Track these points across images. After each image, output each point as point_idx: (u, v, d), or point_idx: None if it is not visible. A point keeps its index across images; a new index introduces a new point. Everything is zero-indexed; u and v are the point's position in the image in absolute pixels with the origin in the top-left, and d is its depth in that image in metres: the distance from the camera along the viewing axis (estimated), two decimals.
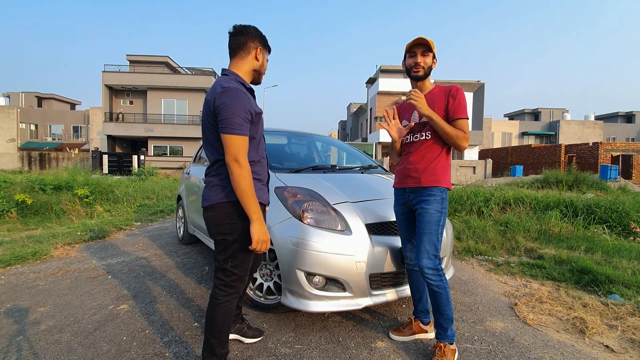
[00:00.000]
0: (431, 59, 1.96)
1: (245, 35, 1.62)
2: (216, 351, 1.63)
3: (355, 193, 2.49)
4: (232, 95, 1.49)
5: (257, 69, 1.69)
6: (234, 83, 1.55)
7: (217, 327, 1.62)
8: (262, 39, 1.67)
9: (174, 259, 3.77)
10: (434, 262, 1.86)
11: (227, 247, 1.59)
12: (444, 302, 1.86)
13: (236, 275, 1.62)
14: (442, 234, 1.92)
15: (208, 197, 1.60)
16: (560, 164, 20.33)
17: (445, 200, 1.93)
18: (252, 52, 1.64)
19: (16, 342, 2.05)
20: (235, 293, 1.65)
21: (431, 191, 1.90)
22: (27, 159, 26.27)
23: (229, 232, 1.57)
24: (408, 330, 2.15)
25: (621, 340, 2.18)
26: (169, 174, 18.41)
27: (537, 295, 2.82)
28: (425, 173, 1.92)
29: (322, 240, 2.12)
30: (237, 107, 1.48)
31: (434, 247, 1.87)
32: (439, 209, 1.89)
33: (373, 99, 29.12)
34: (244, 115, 1.50)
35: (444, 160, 1.95)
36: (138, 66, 27.86)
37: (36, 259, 3.66)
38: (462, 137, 1.88)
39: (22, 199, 6.11)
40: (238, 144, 1.49)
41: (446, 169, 1.95)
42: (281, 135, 3.77)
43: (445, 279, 1.88)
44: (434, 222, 1.88)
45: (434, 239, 1.87)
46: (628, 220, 4.82)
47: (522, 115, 45.33)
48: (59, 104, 43.26)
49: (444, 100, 1.93)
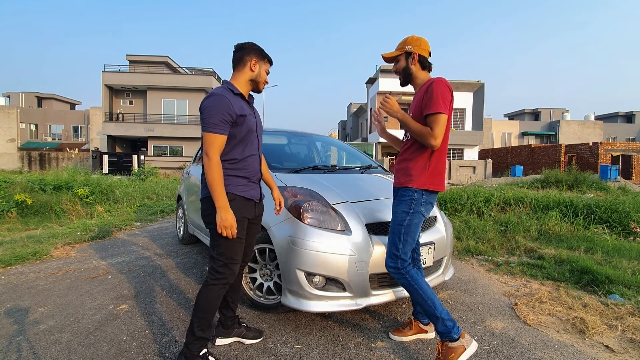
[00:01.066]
0: (403, 61, 1.94)
1: (241, 51, 1.83)
2: (195, 331, 1.75)
3: (355, 193, 2.49)
4: (212, 99, 1.69)
5: (254, 79, 1.86)
6: (221, 89, 1.75)
7: (200, 306, 1.77)
8: (257, 52, 1.85)
9: (174, 259, 3.77)
10: (395, 262, 1.88)
11: (213, 236, 1.78)
12: (418, 299, 1.87)
13: (222, 262, 1.77)
14: (408, 234, 1.87)
15: (203, 190, 1.82)
16: (560, 164, 20.32)
17: (417, 201, 1.86)
18: (247, 64, 1.83)
19: (16, 342, 2.05)
20: (223, 279, 1.78)
21: (403, 191, 1.90)
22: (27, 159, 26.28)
23: (212, 222, 1.74)
24: (408, 330, 2.15)
25: (621, 340, 2.18)
26: (169, 174, 18.42)
27: (537, 295, 2.82)
28: (400, 173, 1.94)
29: (322, 240, 2.12)
30: (214, 109, 1.67)
31: (394, 246, 1.88)
32: (405, 210, 1.87)
33: (373, 99, 29.12)
34: (220, 116, 1.68)
35: (423, 161, 1.87)
36: (138, 66, 27.86)
37: (36, 259, 3.66)
38: (427, 134, 1.78)
39: (22, 199, 6.11)
40: (209, 140, 1.68)
41: (425, 169, 1.86)
42: (281, 135, 3.77)
43: (410, 277, 1.86)
44: (397, 222, 1.89)
45: (395, 238, 1.89)
46: (628, 220, 4.82)
47: (522, 115, 45.33)
48: (59, 104, 43.25)
49: (421, 96, 1.87)
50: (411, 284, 1.87)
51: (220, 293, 1.79)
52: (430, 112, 1.78)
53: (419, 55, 1.92)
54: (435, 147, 1.81)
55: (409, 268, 1.89)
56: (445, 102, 1.80)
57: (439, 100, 1.77)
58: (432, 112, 1.78)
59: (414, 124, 1.82)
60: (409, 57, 1.92)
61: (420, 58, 1.92)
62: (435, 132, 1.77)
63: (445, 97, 1.80)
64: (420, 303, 1.87)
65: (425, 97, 1.82)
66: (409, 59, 1.92)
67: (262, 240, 2.36)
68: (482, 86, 26.81)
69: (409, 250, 1.90)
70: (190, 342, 1.75)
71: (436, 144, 1.79)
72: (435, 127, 1.78)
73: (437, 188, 1.90)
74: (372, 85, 30.75)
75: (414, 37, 1.95)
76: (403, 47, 1.93)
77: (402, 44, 1.95)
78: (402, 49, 1.94)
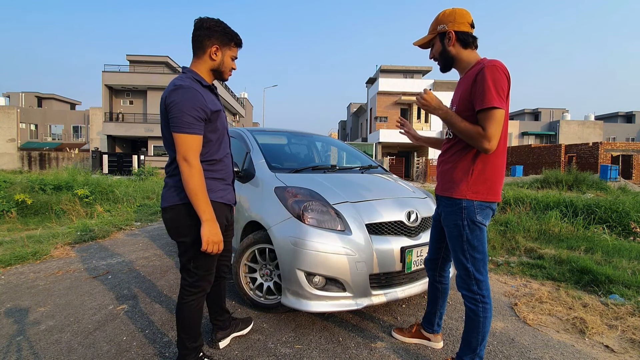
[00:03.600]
0: (439, 44, 1.64)
1: (200, 31, 1.55)
2: (187, 345, 1.68)
3: (355, 193, 2.49)
4: (182, 93, 1.45)
5: (216, 68, 1.61)
6: (188, 81, 1.51)
7: (185, 324, 1.66)
8: (220, 35, 1.56)
9: (174, 259, 3.77)
10: (467, 284, 1.63)
11: (188, 249, 1.59)
12: (472, 330, 1.64)
13: (198, 275, 1.63)
14: (474, 250, 1.59)
15: (166, 198, 1.58)
16: (560, 164, 20.32)
17: (467, 209, 1.57)
18: (207, 51, 1.57)
19: (16, 342, 2.05)
20: (201, 292, 1.67)
21: (446, 200, 1.66)
22: (27, 159, 26.29)
23: (187, 234, 1.56)
24: (408, 332, 2.13)
25: (621, 340, 2.18)
26: None
27: (537, 295, 2.82)
28: (441, 178, 1.70)
29: (322, 240, 2.12)
30: (186, 105, 1.44)
31: (461, 266, 1.62)
32: (456, 222, 1.60)
33: (373, 99, 29.12)
34: (194, 114, 1.46)
35: (467, 164, 1.58)
36: (138, 66, 27.88)
37: (36, 259, 3.66)
38: (478, 136, 1.47)
39: (22, 199, 6.11)
40: (188, 143, 1.45)
41: (469, 174, 1.58)
42: (281, 135, 3.77)
43: (489, 308, 1.62)
44: (453, 237, 1.64)
45: (459, 257, 1.61)
46: (628, 220, 4.82)
47: (522, 115, 45.33)
48: (59, 104, 43.25)
49: (468, 84, 1.53)
50: (485, 316, 1.62)
51: (200, 304, 1.69)
52: (482, 108, 1.45)
53: (457, 32, 1.59)
54: (490, 151, 1.49)
55: (488, 297, 1.62)
56: (502, 93, 1.45)
57: (491, 92, 1.43)
58: (484, 107, 1.45)
59: (460, 123, 1.51)
60: (445, 38, 1.62)
61: (459, 35, 1.59)
62: (489, 132, 1.44)
63: (502, 87, 1.45)
64: (472, 333, 1.64)
65: (475, 87, 1.49)
66: (445, 40, 1.62)
67: (262, 240, 2.36)
68: None
69: (484, 270, 1.61)
70: (184, 354, 1.67)
71: (491, 147, 1.47)
72: (489, 125, 1.44)
73: (485, 198, 1.56)
74: (372, 85, 30.74)
75: (446, 12, 1.62)
76: (435, 28, 1.64)
77: (434, 24, 1.65)
78: (434, 30, 1.65)
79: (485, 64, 1.48)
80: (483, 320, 1.61)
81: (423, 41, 1.70)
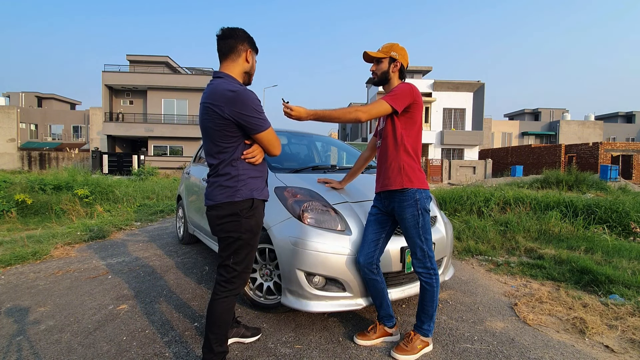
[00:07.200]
0: (387, 64, 1.99)
1: (234, 39, 1.66)
2: (213, 348, 1.66)
3: (355, 193, 2.49)
4: (250, 94, 1.57)
5: (248, 71, 1.73)
6: (236, 84, 1.61)
7: (215, 322, 1.67)
8: (250, 41, 1.71)
9: (174, 259, 3.77)
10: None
11: (231, 244, 1.65)
12: (428, 300, 1.97)
13: (237, 271, 1.67)
14: (426, 233, 1.95)
15: (212, 196, 1.65)
16: (560, 164, 20.33)
17: (420, 202, 1.97)
18: (242, 55, 1.68)
19: (16, 342, 2.05)
20: (235, 290, 1.69)
21: (402, 195, 2.01)
22: (27, 159, 26.28)
23: (233, 230, 1.63)
24: (373, 333, 2.11)
25: (621, 340, 2.18)
26: (169, 174, 18.43)
27: (537, 295, 2.82)
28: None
29: (322, 240, 2.12)
30: (257, 104, 1.58)
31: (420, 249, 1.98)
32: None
33: (373, 99, 29.13)
34: (262, 110, 1.61)
35: (400, 160, 1.98)
36: (138, 66, 27.86)
37: (36, 259, 3.66)
38: (352, 110, 1.85)
39: (22, 199, 6.11)
40: (272, 134, 1.65)
41: (405, 168, 1.97)
42: (281, 135, 3.76)
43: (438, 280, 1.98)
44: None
45: (416, 240, 1.97)
46: (628, 220, 4.82)
47: (522, 115, 45.33)
48: (59, 104, 43.24)
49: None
50: (437, 285, 1.96)
51: (232, 304, 1.72)
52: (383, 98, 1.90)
53: (401, 65, 2.01)
54: (362, 120, 1.86)
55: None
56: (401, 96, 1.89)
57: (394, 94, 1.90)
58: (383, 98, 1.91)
59: (334, 112, 1.86)
60: (392, 63, 2.00)
61: (402, 68, 2.02)
62: (365, 108, 1.85)
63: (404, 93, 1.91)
64: (428, 304, 1.96)
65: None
66: (391, 65, 2.00)
67: (262, 240, 2.36)
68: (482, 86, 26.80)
69: (432, 247, 2.00)
70: (209, 358, 1.66)
71: (362, 117, 1.84)
72: (370, 107, 1.86)
73: (426, 187, 2.01)
74: (372, 85, 30.74)
75: (399, 46, 2.01)
76: (389, 52, 1.98)
77: (388, 48, 1.99)
78: (387, 52, 1.98)
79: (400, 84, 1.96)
80: (436, 289, 1.96)
81: (376, 55, 2.00)
